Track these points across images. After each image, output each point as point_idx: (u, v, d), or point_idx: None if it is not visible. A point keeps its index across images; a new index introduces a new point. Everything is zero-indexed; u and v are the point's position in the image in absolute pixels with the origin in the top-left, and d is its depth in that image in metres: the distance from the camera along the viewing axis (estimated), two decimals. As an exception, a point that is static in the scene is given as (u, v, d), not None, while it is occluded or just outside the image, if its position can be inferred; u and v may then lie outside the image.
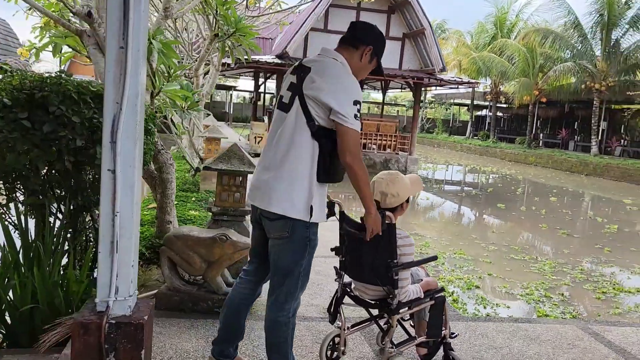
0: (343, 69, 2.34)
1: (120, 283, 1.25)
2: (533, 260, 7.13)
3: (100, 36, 5.12)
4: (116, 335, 1.23)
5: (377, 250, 2.59)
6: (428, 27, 16.34)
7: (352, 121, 2.22)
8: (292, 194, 2.27)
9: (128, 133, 1.22)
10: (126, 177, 1.22)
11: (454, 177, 20.74)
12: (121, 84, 1.21)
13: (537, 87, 27.44)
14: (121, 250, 1.24)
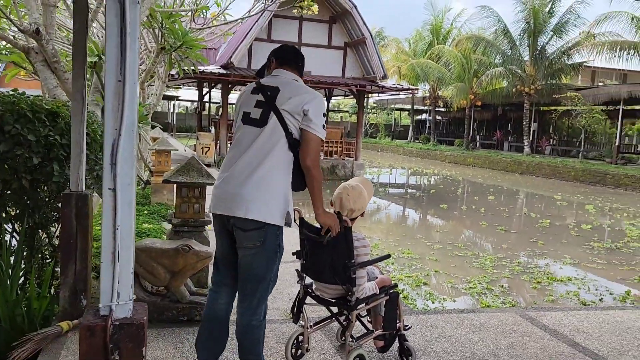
0: (306, 86, 2.65)
1: (121, 289, 1.40)
2: (475, 256, 7.63)
3: (48, 53, 5.11)
4: (119, 335, 1.38)
5: (335, 252, 2.80)
6: (369, 36, 16.91)
7: (320, 130, 2.47)
8: (270, 202, 2.42)
9: (126, 156, 1.38)
10: (125, 195, 1.38)
11: (398, 180, 21.43)
12: (119, 113, 1.37)
13: (473, 91, 28.85)
14: (121, 260, 1.40)
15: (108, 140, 1.39)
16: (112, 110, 1.38)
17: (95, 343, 1.38)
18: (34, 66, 6.04)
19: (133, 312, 1.45)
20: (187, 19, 9.40)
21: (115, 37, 1.38)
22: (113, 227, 1.40)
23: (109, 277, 1.41)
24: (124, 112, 1.39)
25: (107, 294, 1.41)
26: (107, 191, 1.39)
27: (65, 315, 3.50)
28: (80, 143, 3.50)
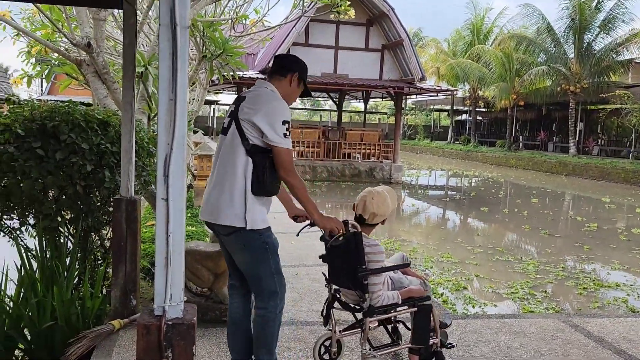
0: (272, 94, 2.67)
1: (174, 291, 1.51)
2: (517, 260, 7.49)
3: (99, 65, 5.38)
4: (172, 334, 1.49)
5: (347, 257, 2.81)
6: (406, 38, 16.83)
7: (282, 140, 2.51)
8: (234, 206, 2.55)
9: (177, 168, 1.49)
10: (176, 204, 1.49)
11: (437, 183, 21.20)
12: (171, 129, 1.48)
13: (515, 90, 28.20)
14: (174, 264, 1.51)
15: (161, 154, 1.50)
16: (165, 127, 1.49)
17: (151, 341, 1.49)
18: (85, 77, 6.36)
19: (184, 312, 1.56)
20: (227, 26, 9.65)
21: (168, 59, 1.50)
22: (166, 234, 1.51)
23: (162, 280, 1.52)
24: (175, 128, 1.50)
25: (161, 296, 1.52)
26: (160, 201, 1.50)
27: (116, 314, 3.70)
28: (129, 151, 3.69)
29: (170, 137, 1.50)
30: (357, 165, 17.39)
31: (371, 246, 2.86)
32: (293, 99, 2.82)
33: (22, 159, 3.74)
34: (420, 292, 3.00)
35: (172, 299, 1.53)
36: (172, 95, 1.50)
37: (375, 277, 2.82)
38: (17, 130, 3.83)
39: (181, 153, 1.51)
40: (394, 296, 2.89)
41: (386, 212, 2.96)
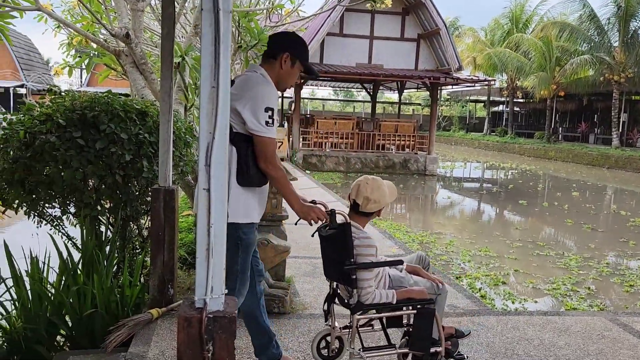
0: (260, 79, 2.49)
1: (215, 283, 1.48)
2: (559, 255, 7.24)
3: (137, 55, 5.42)
4: (213, 327, 1.46)
5: (336, 249, 2.69)
6: (443, 27, 16.47)
7: (264, 129, 2.37)
8: None
9: (219, 157, 1.45)
10: (218, 195, 1.45)
11: (473, 175, 20.78)
12: (213, 117, 1.44)
13: (555, 80, 27.30)
14: (215, 256, 1.47)
15: (203, 143, 1.46)
16: (207, 115, 1.45)
17: (192, 334, 1.46)
18: (123, 68, 6.44)
19: (225, 305, 1.52)
20: (262, 16, 9.63)
21: (210, 45, 1.45)
22: (207, 225, 1.47)
23: (204, 272, 1.48)
24: (218, 117, 1.45)
25: (202, 288, 1.49)
26: (202, 191, 1.46)
27: (154, 303, 3.73)
28: (167, 141, 3.69)
29: (212, 126, 1.46)
30: (391, 157, 17.20)
31: (361, 239, 2.69)
32: (289, 82, 2.64)
33: (64, 148, 3.81)
34: (421, 294, 2.77)
35: (213, 292, 1.50)
36: (215, 83, 1.45)
37: (365, 273, 2.65)
38: (59, 120, 3.89)
39: (223, 142, 1.47)
40: (388, 295, 2.70)
41: (381, 199, 2.77)
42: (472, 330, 3.59)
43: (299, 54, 2.59)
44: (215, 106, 1.45)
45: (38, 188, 3.96)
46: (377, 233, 6.82)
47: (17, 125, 4.04)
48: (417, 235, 7.92)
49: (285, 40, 2.63)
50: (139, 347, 3.07)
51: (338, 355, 2.98)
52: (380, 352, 2.80)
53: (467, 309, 4.07)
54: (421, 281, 2.90)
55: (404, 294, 2.74)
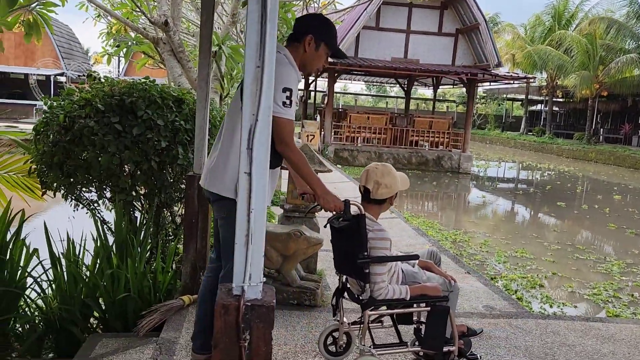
0: (283, 59, 2.39)
1: (253, 271, 1.42)
2: (600, 260, 6.96)
3: (175, 43, 5.43)
4: (251, 315, 1.40)
5: (349, 242, 2.57)
6: (483, 21, 16.06)
7: (281, 110, 2.27)
8: (225, 174, 2.42)
9: (262, 140, 1.39)
10: (259, 179, 1.39)
11: (509, 175, 20.29)
12: (257, 98, 1.38)
13: (598, 80, 26.36)
14: (254, 242, 1.41)
15: (245, 125, 1.40)
16: (251, 96, 1.39)
17: (229, 321, 1.41)
18: (161, 56, 6.48)
19: (263, 294, 1.47)
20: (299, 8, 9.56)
21: (256, 24, 1.38)
22: (247, 210, 1.41)
23: (242, 259, 1.43)
24: (262, 98, 1.39)
25: (240, 275, 1.43)
26: (243, 175, 1.41)
27: (185, 290, 3.73)
28: (203, 128, 3.67)
29: (255, 108, 1.39)
30: (425, 154, 16.94)
31: (375, 231, 2.58)
32: (314, 66, 2.54)
33: (102, 133, 3.84)
34: (435, 290, 2.66)
35: (251, 279, 1.44)
36: (260, 62, 1.38)
37: (378, 267, 2.55)
38: (98, 105, 3.93)
39: (267, 125, 1.41)
40: (402, 291, 2.60)
41: (392, 184, 2.66)
42: (509, 333, 3.46)
43: (324, 36, 2.49)
44: (259, 87, 1.39)
45: (76, 172, 4.01)
46: (410, 229, 6.70)
47: (57, 109, 4.10)
48: (450, 234, 7.75)
49: (309, 23, 2.54)
50: (170, 333, 3.06)
51: (345, 351, 2.88)
52: (391, 350, 2.69)
53: (504, 311, 3.92)
54: (434, 277, 2.79)
55: (418, 290, 2.63)
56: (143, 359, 2.82)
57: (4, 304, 3.76)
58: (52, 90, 27.55)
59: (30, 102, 26.67)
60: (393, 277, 2.67)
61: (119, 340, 3.34)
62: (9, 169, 4.66)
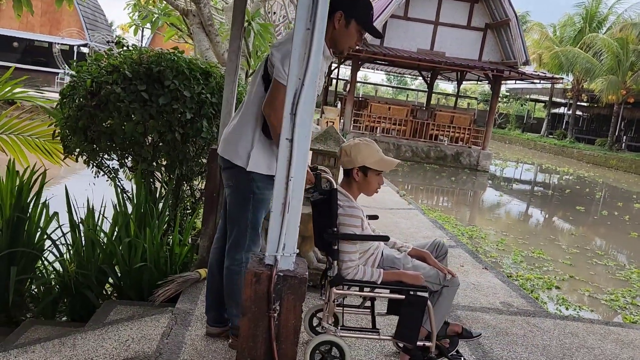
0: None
1: (287, 241, 1.38)
2: (619, 267, 6.83)
3: (204, 16, 5.37)
4: (282, 286, 1.36)
5: (321, 217, 2.50)
6: (514, 17, 15.74)
7: (284, 76, 2.20)
8: (238, 142, 2.44)
9: (306, 106, 1.33)
10: (301, 146, 1.34)
11: (527, 176, 20.02)
12: (304, 62, 1.32)
13: (625, 86, 25.79)
14: (291, 211, 1.36)
15: (290, 89, 1.35)
16: (298, 59, 1.34)
17: (260, 290, 1.37)
18: (189, 28, 6.43)
19: (295, 265, 1.42)
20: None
21: (309, -18, 1.32)
22: (286, 178, 1.37)
23: (277, 228, 1.39)
24: (310, 62, 1.33)
25: (274, 244, 1.39)
26: (284, 141, 1.35)
27: (202, 264, 3.70)
28: (230, 101, 3.62)
29: (302, 71, 1.34)
30: (444, 148, 16.75)
31: (345, 207, 2.45)
32: (345, 44, 2.41)
33: (128, 100, 3.81)
34: (414, 279, 2.46)
35: (285, 249, 1.40)
36: (310, 25, 1.32)
37: (347, 245, 2.42)
38: (125, 71, 3.89)
39: (312, 90, 1.35)
40: (373, 273, 2.45)
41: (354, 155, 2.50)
42: (526, 331, 3.39)
43: (356, 13, 2.35)
44: (308, 50, 1.33)
45: (100, 138, 4.00)
46: (427, 222, 6.62)
47: (85, 74, 4.08)
48: (467, 230, 7.65)
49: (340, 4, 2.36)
50: (185, 304, 3.05)
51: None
52: (358, 334, 2.59)
53: (522, 309, 3.85)
54: (422, 267, 2.58)
55: (393, 276, 2.47)
56: (158, 327, 2.81)
57: (22, 264, 3.79)
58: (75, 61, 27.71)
59: (53, 70, 26.90)
60: (369, 258, 2.55)
61: (134, 308, 3.34)
62: (31, 132, 4.68)
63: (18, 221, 3.78)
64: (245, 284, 1.37)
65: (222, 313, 2.73)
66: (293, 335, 1.42)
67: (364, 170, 2.51)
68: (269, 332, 1.40)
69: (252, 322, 1.41)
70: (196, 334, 2.73)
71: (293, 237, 1.39)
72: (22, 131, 4.45)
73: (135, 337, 2.70)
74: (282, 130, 1.35)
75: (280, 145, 1.36)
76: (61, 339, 2.79)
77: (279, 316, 1.40)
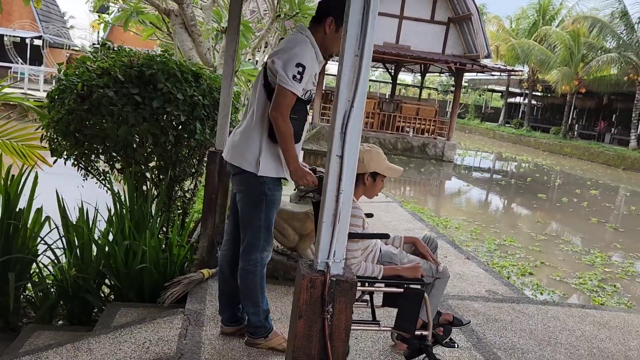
0: (301, 38, 2.51)
1: (338, 248, 1.49)
2: (584, 252, 7.27)
3: (187, 16, 5.38)
4: (334, 290, 1.48)
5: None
6: (475, 12, 16.20)
7: (289, 82, 2.39)
8: (246, 149, 2.56)
9: (355, 126, 1.45)
10: (349, 162, 1.46)
11: (490, 165, 20.71)
12: (353, 85, 1.44)
13: (578, 77, 26.93)
14: (341, 222, 1.49)
15: (340, 110, 1.47)
16: (347, 83, 1.46)
17: (314, 294, 1.49)
18: (168, 28, 6.39)
19: (344, 270, 1.55)
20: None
21: (358, 14, 1.45)
22: (337, 191, 1.49)
23: (328, 237, 1.51)
24: (359, 85, 1.45)
25: (325, 252, 1.51)
26: (334, 157, 1.48)
27: (202, 264, 3.78)
28: (227, 104, 3.69)
29: (351, 94, 1.46)
30: (410, 140, 17.14)
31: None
32: (335, 48, 2.60)
33: (120, 103, 3.81)
34: (413, 272, 2.61)
35: (335, 256, 1.52)
36: (359, 52, 1.45)
37: (350, 243, 2.51)
38: (117, 75, 3.89)
39: (360, 111, 1.48)
40: (375, 269, 2.60)
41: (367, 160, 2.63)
42: (513, 317, 3.64)
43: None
44: (357, 75, 1.45)
45: (92, 141, 3.99)
46: (407, 214, 6.85)
47: (74, 77, 4.04)
48: (441, 220, 7.95)
49: (330, 4, 2.57)
50: (195, 304, 3.13)
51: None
52: (361, 326, 2.70)
53: (507, 296, 4.11)
54: (416, 260, 2.75)
55: (393, 271, 2.62)
56: (172, 328, 2.88)
57: (17, 269, 3.76)
58: (29, 53, 26.64)
59: (6, 64, 25.75)
60: (369, 255, 2.71)
61: (138, 310, 3.39)
62: (10, 135, 4.58)
63: (10, 226, 3.74)
64: (301, 289, 1.49)
65: (236, 312, 2.83)
66: (344, 334, 1.55)
67: (374, 176, 2.68)
68: (323, 332, 1.52)
69: (307, 324, 1.53)
70: (211, 333, 2.82)
71: (343, 244, 1.52)
72: (4, 135, 4.37)
73: (152, 339, 2.77)
74: (333, 148, 1.47)
75: (330, 161, 1.48)
76: (74, 344, 2.82)
77: (332, 317, 1.53)
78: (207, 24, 6.23)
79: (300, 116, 2.54)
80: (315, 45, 2.54)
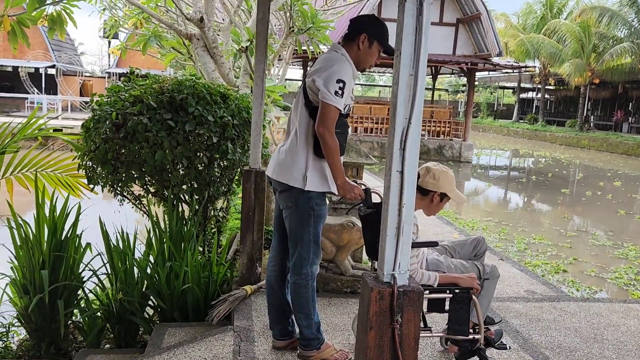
0: (337, 56, 2.62)
1: (402, 260, 1.55)
2: (616, 245, 7.20)
3: (209, 39, 5.51)
4: (402, 300, 1.54)
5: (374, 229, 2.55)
6: (484, 11, 16.20)
7: (332, 98, 2.49)
8: (292, 165, 2.64)
9: (413, 142, 1.51)
10: (410, 176, 1.52)
11: (508, 163, 20.57)
12: (410, 104, 1.50)
13: (590, 67, 26.70)
14: (404, 234, 1.54)
15: (398, 127, 1.53)
16: (404, 101, 1.52)
17: (383, 305, 1.55)
18: (189, 51, 6.53)
19: (409, 281, 1.60)
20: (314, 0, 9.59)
21: (411, 35, 1.52)
22: (399, 205, 1.55)
23: (392, 249, 1.57)
24: (415, 103, 1.52)
25: (390, 264, 1.57)
26: (395, 173, 1.54)
27: (242, 281, 3.85)
28: (259, 124, 3.78)
29: (408, 112, 1.53)
30: (426, 143, 17.13)
31: None
32: (368, 63, 2.74)
33: (155, 129, 3.92)
34: (469, 282, 2.62)
35: (400, 268, 1.58)
36: (413, 71, 1.52)
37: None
38: (150, 102, 4.01)
39: (417, 128, 1.54)
40: (430, 276, 2.64)
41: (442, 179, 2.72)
42: (556, 316, 3.64)
43: (377, 34, 2.67)
44: (413, 93, 1.52)
45: (130, 168, 4.10)
46: (434, 218, 6.87)
47: (107, 107, 4.17)
48: (468, 222, 7.94)
49: (363, 22, 2.72)
50: (242, 321, 3.20)
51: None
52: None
53: (546, 295, 4.11)
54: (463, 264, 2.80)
55: (449, 279, 2.66)
56: (225, 346, 2.95)
57: (65, 297, 3.87)
58: (44, 83, 27.24)
59: (22, 95, 26.35)
60: (419, 264, 2.77)
61: (185, 330, 3.47)
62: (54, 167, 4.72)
63: (57, 256, 3.86)
64: (371, 301, 1.55)
65: (286, 326, 2.90)
66: (414, 343, 1.61)
67: (442, 197, 2.77)
68: (394, 341, 1.58)
69: (378, 335, 1.58)
70: (263, 348, 2.89)
71: (407, 256, 1.57)
72: (46, 167, 4.51)
73: (207, 357, 2.83)
74: (393, 164, 1.53)
75: (391, 177, 1.54)
76: (131, 367, 2.90)
77: (401, 327, 1.58)
78: (226, 45, 6.37)
79: (343, 129, 2.63)
80: (351, 62, 2.66)
